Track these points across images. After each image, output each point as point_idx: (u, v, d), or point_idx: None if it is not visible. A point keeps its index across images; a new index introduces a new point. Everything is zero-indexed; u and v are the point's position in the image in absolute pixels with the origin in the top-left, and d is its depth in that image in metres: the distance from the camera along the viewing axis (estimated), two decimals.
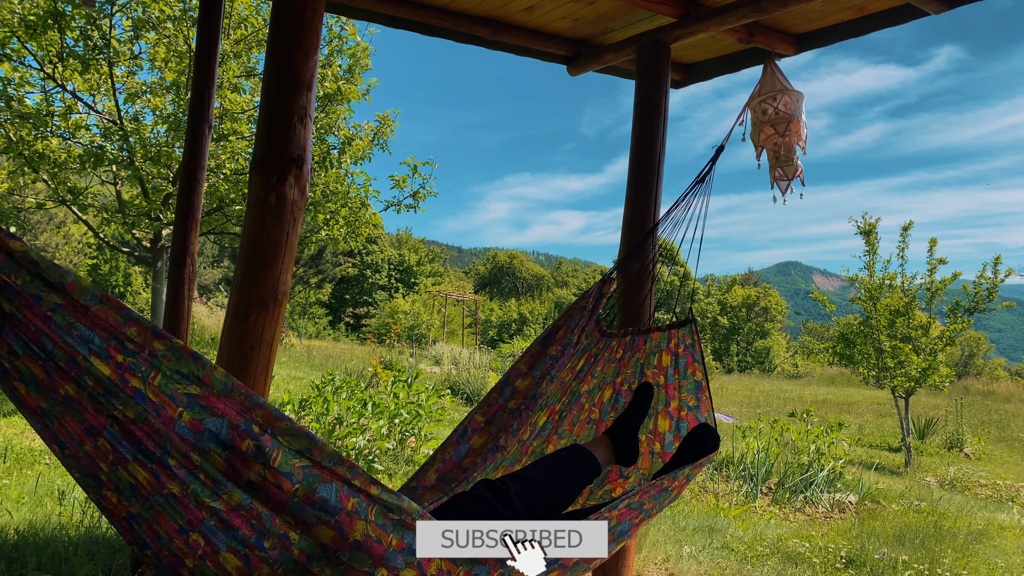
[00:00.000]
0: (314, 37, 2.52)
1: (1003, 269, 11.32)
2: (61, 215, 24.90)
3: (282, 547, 1.47)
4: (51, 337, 1.36)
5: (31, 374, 1.39)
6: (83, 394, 1.39)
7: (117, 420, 1.40)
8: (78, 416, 1.41)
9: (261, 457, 1.44)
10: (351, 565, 1.49)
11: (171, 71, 9.06)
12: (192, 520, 1.46)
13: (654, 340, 2.79)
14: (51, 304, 1.35)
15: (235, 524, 1.45)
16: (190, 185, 3.47)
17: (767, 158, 3.02)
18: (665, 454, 2.74)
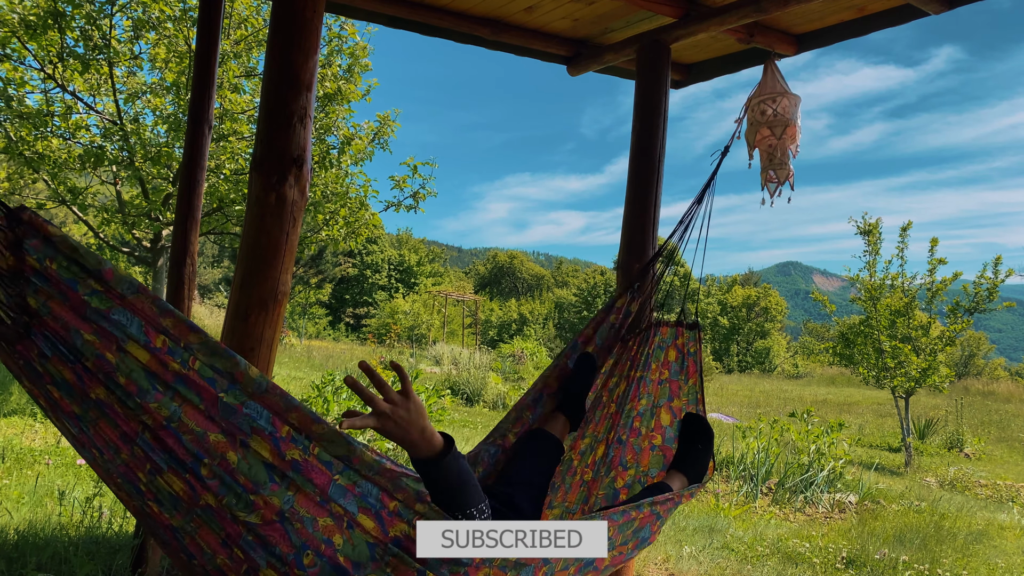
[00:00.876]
0: (314, 37, 2.52)
1: (1003, 269, 11.32)
2: (61, 215, 24.91)
3: (324, 559, 1.42)
4: (82, 328, 1.32)
5: (62, 377, 1.35)
6: (113, 398, 1.35)
7: (147, 427, 1.36)
8: (111, 421, 1.37)
9: (302, 443, 1.44)
10: (399, 563, 1.45)
11: (171, 71, 9.06)
12: (231, 534, 1.42)
13: (663, 334, 2.84)
14: (88, 289, 1.32)
15: (272, 540, 1.41)
16: (190, 185, 3.47)
17: (760, 159, 3.02)
18: (665, 448, 2.77)
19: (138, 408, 1.35)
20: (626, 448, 2.77)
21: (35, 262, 1.29)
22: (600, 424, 2.81)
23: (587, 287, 48.30)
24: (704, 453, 2.55)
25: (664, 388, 2.81)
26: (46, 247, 1.30)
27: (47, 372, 1.36)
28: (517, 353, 18.68)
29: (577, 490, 2.72)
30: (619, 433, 2.77)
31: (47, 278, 1.30)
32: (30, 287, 1.30)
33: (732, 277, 51.43)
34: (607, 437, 2.77)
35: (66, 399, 1.37)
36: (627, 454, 2.77)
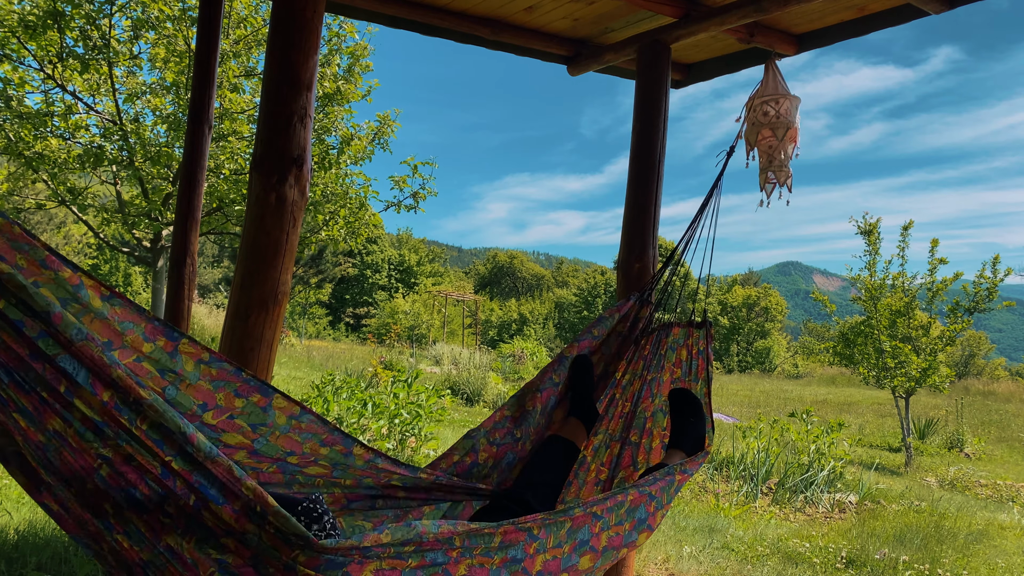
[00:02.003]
0: (314, 37, 2.52)
1: (1002, 269, 11.32)
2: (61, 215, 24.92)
3: None
4: (34, 366, 1.30)
5: (22, 404, 1.33)
6: (70, 430, 1.32)
7: (107, 460, 1.33)
8: (72, 452, 1.35)
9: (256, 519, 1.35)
10: None
11: (171, 71, 9.06)
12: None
13: (675, 335, 2.85)
14: (36, 331, 1.28)
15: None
16: (190, 185, 3.47)
17: (759, 159, 3.02)
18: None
19: (96, 441, 1.32)
20: (638, 449, 2.78)
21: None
22: (615, 422, 2.82)
23: (587, 287, 48.31)
24: (696, 423, 2.57)
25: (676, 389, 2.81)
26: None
27: (10, 399, 1.34)
28: (517, 353, 18.69)
29: (592, 488, 2.73)
30: (631, 435, 2.78)
31: (6, 320, 1.27)
32: None
33: (732, 277, 51.44)
34: (622, 436, 2.78)
35: (31, 428, 1.35)
36: (639, 455, 2.78)
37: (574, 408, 2.68)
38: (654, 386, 2.81)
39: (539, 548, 1.79)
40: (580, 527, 1.93)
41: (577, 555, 1.92)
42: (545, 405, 2.62)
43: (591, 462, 2.76)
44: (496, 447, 2.47)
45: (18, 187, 9.65)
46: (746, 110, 3.01)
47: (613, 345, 2.85)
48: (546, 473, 2.45)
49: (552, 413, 2.65)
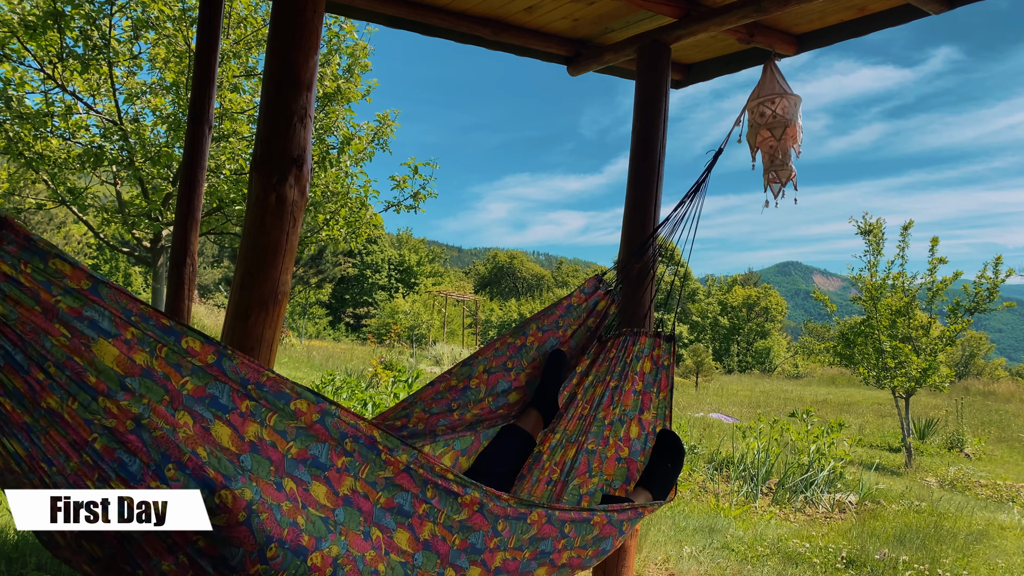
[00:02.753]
0: (314, 37, 2.52)
1: (1003, 269, 11.33)
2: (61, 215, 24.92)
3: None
4: (50, 332, 1.34)
5: (13, 386, 1.36)
6: (66, 406, 1.36)
7: (108, 430, 1.37)
8: (61, 430, 1.38)
9: (259, 416, 1.48)
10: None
11: (171, 71, 9.06)
12: (178, 542, 1.43)
13: (641, 344, 2.86)
14: (61, 289, 1.34)
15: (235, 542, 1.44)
16: (190, 185, 3.47)
17: (762, 160, 3.02)
18: (630, 460, 2.81)
19: (99, 411, 1.36)
20: (594, 457, 2.81)
21: (9, 268, 1.30)
22: (572, 423, 2.83)
23: None
24: (672, 472, 2.62)
25: (637, 400, 2.84)
26: (22, 251, 1.31)
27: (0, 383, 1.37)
28: None
29: (544, 487, 2.75)
30: (588, 442, 2.80)
31: (18, 283, 1.31)
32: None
33: (732, 277, 51.44)
34: (578, 440, 2.80)
35: (18, 409, 1.37)
36: (594, 462, 2.81)
37: (537, 400, 2.70)
38: (616, 394, 2.82)
39: (499, 544, 1.88)
40: (544, 537, 2.01)
41: (536, 564, 2.00)
42: (492, 387, 2.66)
43: (546, 460, 2.78)
44: (429, 415, 2.54)
45: (18, 187, 9.65)
46: (746, 113, 3.01)
47: (581, 339, 2.87)
48: (501, 464, 2.51)
49: (502, 396, 2.67)
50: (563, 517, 2.06)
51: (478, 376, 2.66)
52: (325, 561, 1.56)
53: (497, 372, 2.68)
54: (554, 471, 2.76)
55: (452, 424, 2.58)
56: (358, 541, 1.63)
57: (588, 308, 2.87)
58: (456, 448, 2.59)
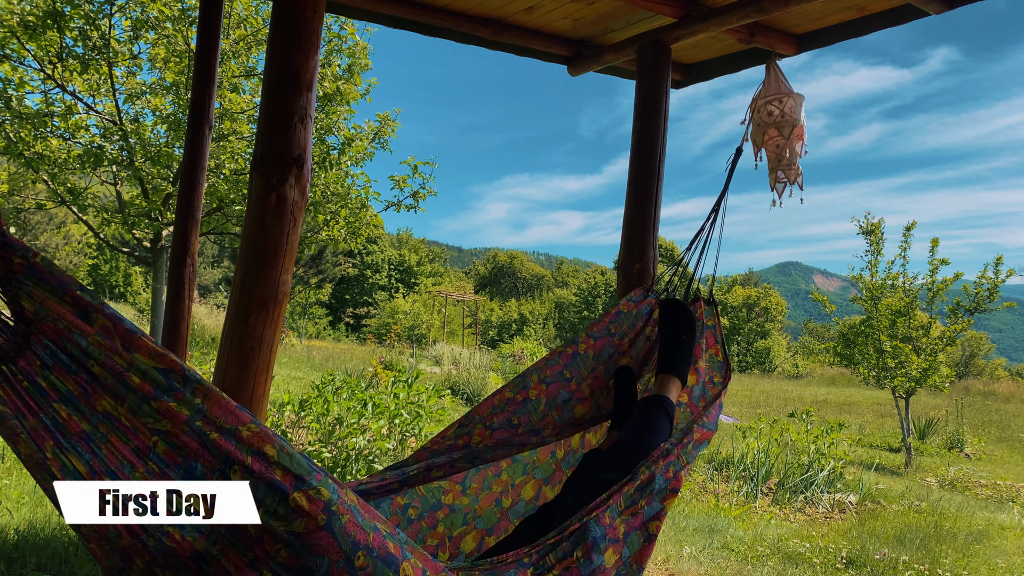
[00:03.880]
0: (314, 37, 2.52)
1: (1004, 269, 11.33)
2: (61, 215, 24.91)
3: None
4: (84, 329, 1.22)
5: (67, 389, 1.25)
6: (120, 408, 1.25)
7: (162, 435, 1.26)
8: (121, 435, 1.27)
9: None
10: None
11: (171, 71, 9.06)
12: (259, 556, 1.31)
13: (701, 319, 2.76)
14: (76, 284, 1.23)
15: (319, 549, 1.32)
16: (190, 185, 3.47)
17: (767, 160, 3.02)
18: (691, 405, 2.65)
19: (152, 414, 1.25)
20: None
21: (21, 259, 1.20)
22: None
23: (587, 287, 48.29)
24: (690, 344, 2.46)
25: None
26: (24, 248, 1.21)
27: (52, 387, 1.26)
28: (517, 353, 18.68)
29: None
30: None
31: (38, 276, 1.21)
32: (23, 289, 1.21)
33: (732, 277, 51.43)
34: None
35: (75, 416, 1.27)
36: None
37: (616, 422, 2.59)
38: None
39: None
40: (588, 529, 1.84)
41: (598, 555, 1.82)
42: (552, 397, 2.54)
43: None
44: (491, 431, 2.41)
45: (18, 187, 9.65)
46: (750, 112, 3.01)
47: (642, 349, 2.73)
48: (653, 437, 2.30)
49: (566, 408, 2.55)
50: (600, 511, 1.88)
51: (535, 387, 2.54)
52: (416, 571, 1.41)
53: (555, 382, 2.56)
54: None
55: (520, 441, 2.44)
56: (429, 562, 1.49)
57: (643, 315, 2.76)
58: (537, 477, 2.49)
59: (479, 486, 2.32)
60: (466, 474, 2.31)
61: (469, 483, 2.31)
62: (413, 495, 2.20)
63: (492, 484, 2.35)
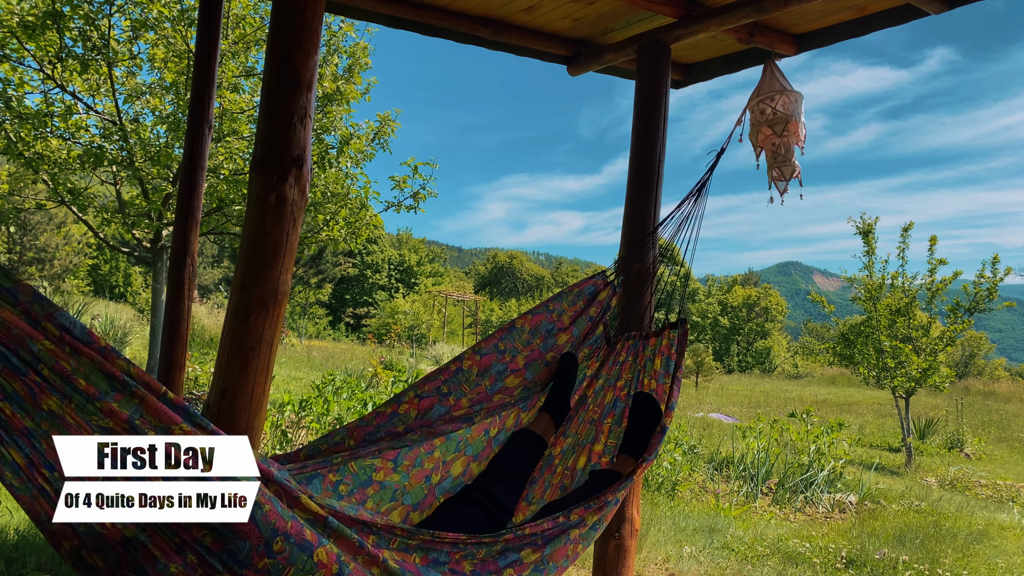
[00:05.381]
0: (314, 37, 2.52)
1: (1001, 268, 11.32)
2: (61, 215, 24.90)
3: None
4: (35, 336, 1.32)
5: (13, 389, 1.35)
6: (66, 407, 1.35)
7: (107, 431, 1.37)
8: (63, 431, 1.38)
9: None
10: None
11: (170, 71, 9.06)
12: (186, 540, 1.42)
13: (651, 345, 2.84)
14: (29, 296, 1.32)
15: (241, 535, 1.44)
16: (190, 185, 3.47)
17: (765, 158, 3.02)
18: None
19: (97, 413, 1.35)
20: (600, 467, 2.77)
21: None
22: (583, 427, 2.81)
23: None
24: (648, 432, 2.56)
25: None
26: None
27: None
28: None
29: (556, 490, 2.73)
30: (601, 448, 2.76)
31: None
32: None
33: (732, 277, 51.44)
34: (590, 447, 2.77)
35: (19, 414, 1.37)
36: (592, 460, 2.78)
37: (549, 404, 2.70)
38: (627, 399, 2.80)
39: (466, 556, 1.91)
40: (517, 550, 2.03)
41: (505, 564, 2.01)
42: (485, 368, 2.63)
43: (558, 464, 2.76)
44: (420, 399, 2.51)
45: (18, 187, 9.65)
46: (747, 113, 3.01)
47: (584, 328, 2.86)
48: (514, 467, 2.52)
49: (498, 379, 2.65)
50: (536, 531, 2.05)
51: (468, 358, 2.63)
52: (331, 558, 1.54)
53: (489, 354, 2.66)
54: (565, 475, 2.74)
55: (450, 411, 2.54)
56: (352, 547, 1.61)
57: (585, 295, 2.87)
58: (468, 454, 2.55)
59: (410, 463, 2.37)
60: (399, 452, 2.36)
61: (401, 460, 2.35)
62: (345, 471, 2.25)
63: (424, 461, 2.40)
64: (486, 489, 2.37)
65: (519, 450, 2.57)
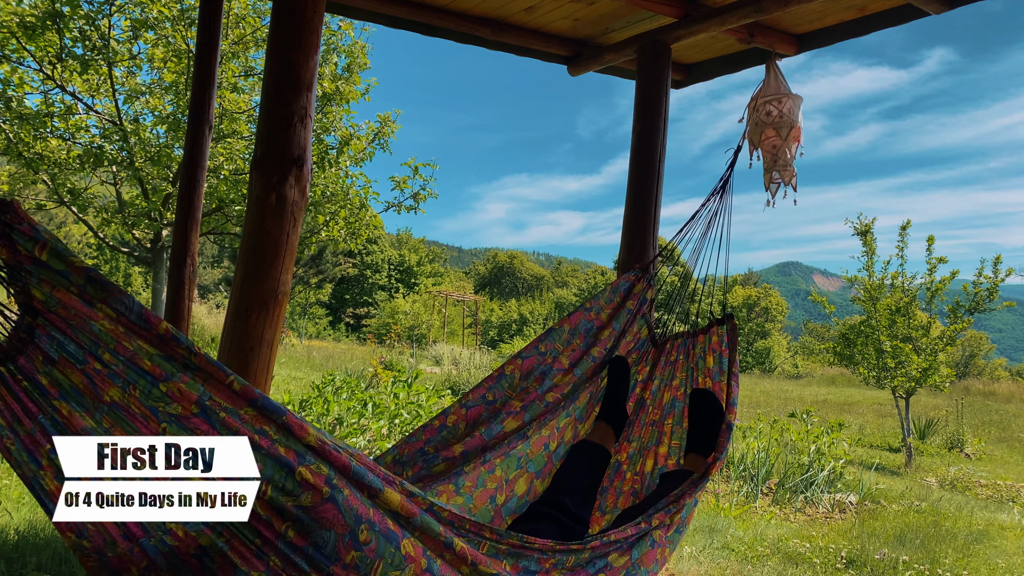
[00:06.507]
0: (314, 37, 2.52)
1: (1003, 269, 11.32)
2: (61, 215, 24.91)
3: None
4: (93, 317, 1.21)
5: (71, 384, 1.25)
6: (129, 396, 1.26)
7: (173, 418, 1.27)
8: (128, 426, 1.28)
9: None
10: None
11: (169, 71, 9.06)
12: (267, 538, 1.31)
13: (700, 343, 2.82)
14: (82, 278, 1.22)
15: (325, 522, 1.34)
16: (190, 185, 3.47)
17: (763, 159, 3.01)
18: None
19: (163, 398, 1.26)
20: (668, 469, 2.73)
21: (30, 250, 1.20)
22: (645, 431, 2.78)
23: (587, 287, 48.32)
24: (713, 431, 2.52)
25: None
26: (35, 233, 1.21)
27: (55, 383, 1.26)
28: None
29: (628, 497, 2.69)
30: (666, 450, 2.74)
31: (46, 266, 1.21)
32: (32, 278, 1.22)
33: (732, 277, 51.44)
34: (655, 450, 2.74)
35: (77, 412, 1.27)
36: (660, 463, 2.74)
37: (605, 413, 2.66)
38: (682, 396, 2.78)
39: (556, 564, 1.85)
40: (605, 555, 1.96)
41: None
42: (528, 371, 2.61)
43: (626, 470, 2.73)
44: (466, 409, 2.48)
45: (18, 187, 9.65)
46: (749, 110, 3.01)
47: (624, 322, 2.83)
48: (580, 478, 2.44)
49: (546, 378, 2.62)
50: (620, 538, 1.98)
51: (510, 363, 2.61)
52: (417, 550, 1.43)
53: (530, 357, 2.63)
54: (636, 481, 2.70)
55: (501, 420, 2.47)
56: (437, 545, 1.51)
57: (621, 290, 2.87)
58: (530, 470, 2.51)
59: (472, 484, 2.32)
60: (460, 473, 2.31)
61: (462, 482, 2.30)
62: None
63: (486, 481, 2.35)
64: (557, 502, 2.29)
65: (583, 461, 2.51)
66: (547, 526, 2.18)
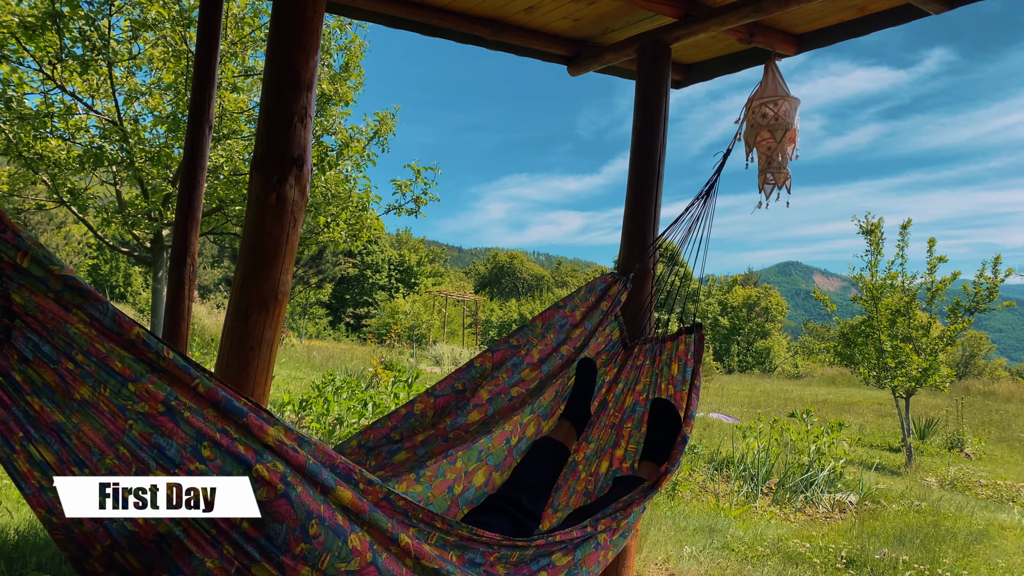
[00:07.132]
0: (314, 37, 2.52)
1: (1003, 269, 11.32)
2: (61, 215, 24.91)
3: None
4: (68, 320, 1.30)
5: (43, 382, 1.32)
6: (99, 395, 1.33)
7: (141, 416, 1.34)
8: (96, 422, 1.35)
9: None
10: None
11: (169, 72, 9.06)
12: (222, 528, 1.40)
13: (667, 350, 2.84)
14: (60, 285, 1.29)
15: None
16: (190, 185, 3.47)
17: (758, 160, 3.01)
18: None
19: (132, 397, 1.33)
20: (613, 462, 2.78)
21: (12, 257, 1.26)
22: (604, 432, 2.81)
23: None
24: (668, 440, 2.57)
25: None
26: (18, 241, 1.26)
27: (28, 380, 1.32)
28: None
29: (581, 497, 2.72)
30: (617, 449, 2.77)
31: (27, 272, 1.27)
32: (13, 283, 1.28)
33: (732, 277, 51.44)
34: (612, 453, 2.77)
35: (48, 408, 1.34)
36: (614, 465, 2.78)
37: (569, 411, 2.71)
38: (644, 401, 2.81)
39: (500, 558, 1.91)
40: (550, 554, 2.03)
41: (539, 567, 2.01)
42: (499, 363, 2.67)
43: (582, 471, 2.76)
44: (434, 398, 2.55)
45: (18, 188, 9.65)
46: (745, 111, 3.01)
47: (596, 322, 2.89)
48: (538, 475, 2.50)
49: (515, 371, 2.67)
50: (565, 539, 2.04)
51: (481, 355, 2.67)
52: (363, 544, 1.52)
53: (502, 349, 2.70)
54: (589, 481, 2.73)
55: (467, 411, 2.54)
56: (383, 538, 1.59)
57: (596, 290, 2.91)
58: (490, 463, 2.54)
59: (433, 473, 2.36)
60: (421, 463, 2.35)
61: (423, 471, 2.33)
62: None
63: (447, 472, 2.39)
64: (511, 497, 2.35)
65: (542, 458, 2.56)
66: (499, 519, 2.25)
